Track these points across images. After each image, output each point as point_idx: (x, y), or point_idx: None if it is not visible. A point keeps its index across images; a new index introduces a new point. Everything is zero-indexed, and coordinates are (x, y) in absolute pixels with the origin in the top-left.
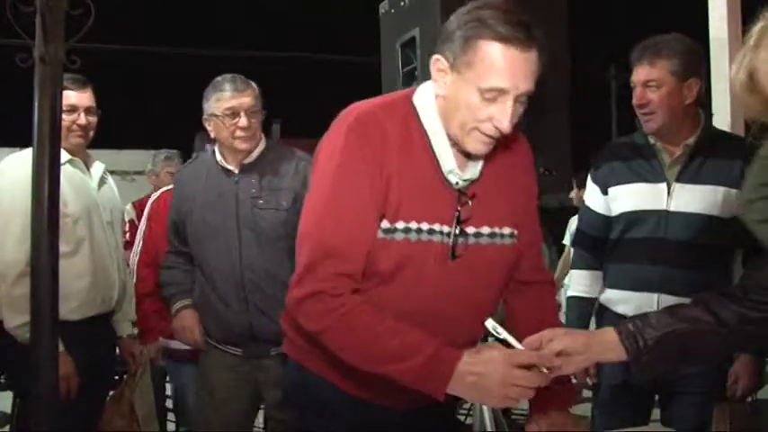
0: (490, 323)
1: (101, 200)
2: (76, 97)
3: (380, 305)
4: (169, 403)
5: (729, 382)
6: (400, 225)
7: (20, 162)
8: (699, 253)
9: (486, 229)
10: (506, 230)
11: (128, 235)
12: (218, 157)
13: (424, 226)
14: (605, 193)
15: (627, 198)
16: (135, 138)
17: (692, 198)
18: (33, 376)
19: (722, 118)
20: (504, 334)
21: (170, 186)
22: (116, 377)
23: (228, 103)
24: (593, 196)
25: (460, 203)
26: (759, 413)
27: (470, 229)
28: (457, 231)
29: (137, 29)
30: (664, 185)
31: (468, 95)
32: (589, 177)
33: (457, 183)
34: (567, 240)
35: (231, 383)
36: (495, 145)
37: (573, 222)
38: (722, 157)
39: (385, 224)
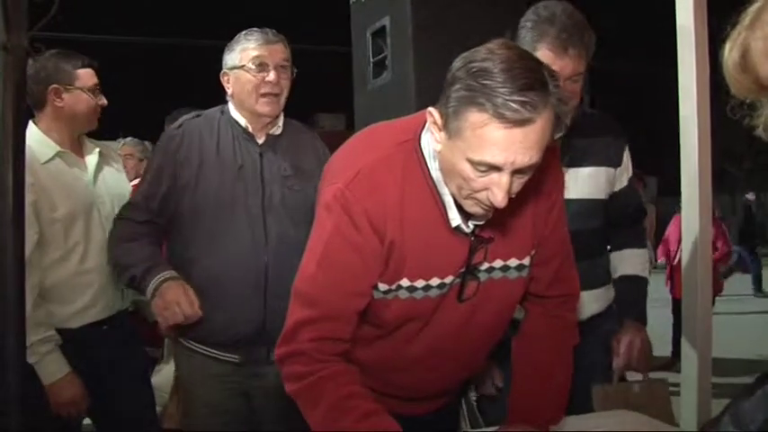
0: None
1: (98, 193)
2: (88, 77)
3: (384, 351)
4: None
5: (614, 358)
6: (404, 283)
7: None
8: (588, 241)
9: (498, 263)
10: (515, 262)
11: None
12: (239, 118)
13: (434, 282)
14: None
15: None
16: (102, 127)
17: (581, 183)
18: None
19: (689, 108)
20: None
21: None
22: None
23: (256, 52)
24: None
25: (475, 248)
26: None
27: (483, 265)
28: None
29: (101, 18)
30: None
31: (459, 163)
32: None
33: (468, 228)
34: None
35: (219, 398)
36: None
37: None
38: (598, 136)
39: (383, 287)
